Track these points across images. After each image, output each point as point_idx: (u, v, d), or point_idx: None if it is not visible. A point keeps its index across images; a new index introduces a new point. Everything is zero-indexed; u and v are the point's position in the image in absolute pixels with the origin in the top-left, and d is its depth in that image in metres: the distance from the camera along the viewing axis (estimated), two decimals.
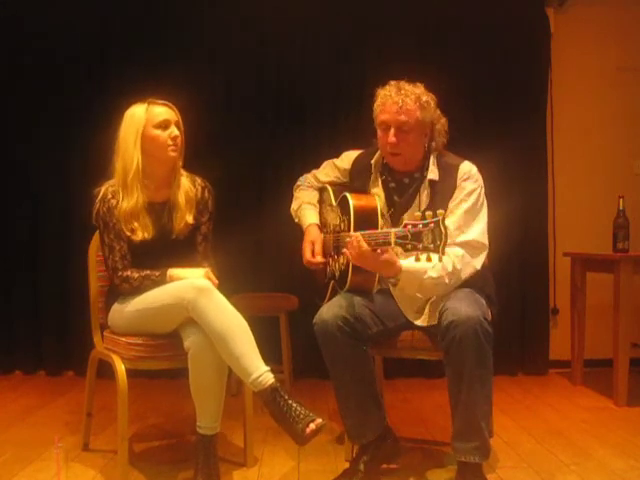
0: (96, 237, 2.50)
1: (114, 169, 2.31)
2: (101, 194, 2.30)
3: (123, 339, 2.28)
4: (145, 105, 2.30)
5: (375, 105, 2.28)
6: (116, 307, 2.34)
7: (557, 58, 3.90)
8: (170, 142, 2.27)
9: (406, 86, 2.23)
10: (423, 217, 1.84)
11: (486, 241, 2.23)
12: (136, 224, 2.26)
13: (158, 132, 2.27)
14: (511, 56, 3.79)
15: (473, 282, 2.19)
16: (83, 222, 3.34)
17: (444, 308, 2.08)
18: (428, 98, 2.24)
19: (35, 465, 2.35)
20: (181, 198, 2.34)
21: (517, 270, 3.79)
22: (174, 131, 2.29)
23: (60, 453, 2.11)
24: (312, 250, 2.36)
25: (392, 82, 2.26)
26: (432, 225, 1.81)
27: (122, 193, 2.27)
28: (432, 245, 1.81)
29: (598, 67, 3.98)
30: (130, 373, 2.23)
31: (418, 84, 2.26)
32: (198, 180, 2.43)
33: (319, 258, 2.35)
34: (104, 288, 2.49)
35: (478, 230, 2.20)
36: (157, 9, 3.71)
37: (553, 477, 2.26)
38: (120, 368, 2.21)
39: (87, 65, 3.72)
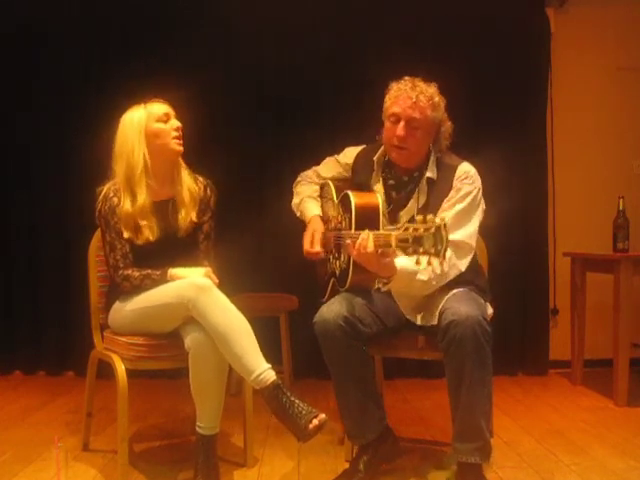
0: (96, 237, 2.51)
1: (114, 173, 2.31)
2: (103, 193, 2.31)
3: (123, 339, 2.28)
4: (142, 105, 2.33)
5: (387, 97, 2.29)
6: (117, 306, 2.33)
7: (557, 58, 3.91)
8: (174, 133, 2.30)
9: (421, 84, 2.24)
10: (424, 220, 1.83)
11: (474, 243, 2.23)
12: (141, 225, 2.26)
13: (161, 125, 2.29)
14: (511, 56, 3.79)
15: (463, 276, 2.20)
16: (83, 222, 3.36)
17: (443, 308, 2.09)
18: (439, 99, 2.26)
19: (35, 465, 2.35)
20: (186, 195, 2.35)
21: (517, 270, 3.79)
22: (176, 122, 2.32)
23: (60, 453, 2.10)
24: (311, 241, 2.36)
25: (407, 77, 2.27)
26: (433, 230, 1.81)
27: (125, 195, 2.27)
28: (433, 249, 1.80)
29: (598, 67, 3.98)
30: (130, 373, 2.23)
31: (432, 84, 2.27)
32: (200, 178, 2.45)
33: (317, 248, 2.34)
34: (104, 288, 2.49)
35: (468, 232, 2.20)
36: (157, 9, 3.71)
37: (553, 477, 2.27)
38: (120, 368, 2.21)
39: (86, 65, 3.73)
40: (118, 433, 2.18)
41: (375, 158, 2.38)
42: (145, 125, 2.28)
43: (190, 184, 2.38)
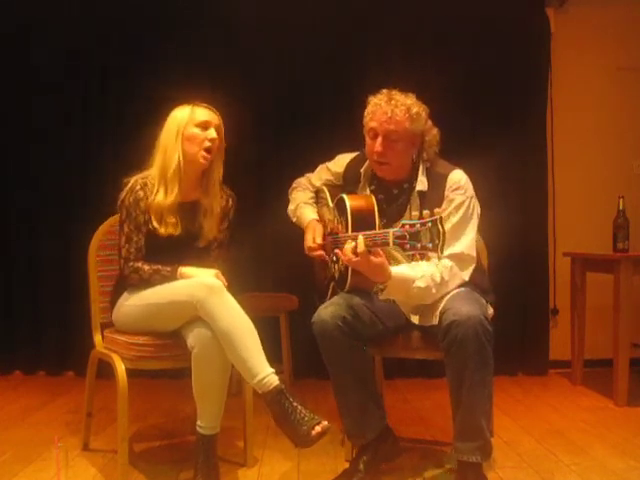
0: (96, 237, 2.52)
1: (152, 163, 2.33)
2: (130, 184, 2.32)
3: (124, 338, 2.28)
4: (190, 106, 2.34)
5: (365, 112, 2.28)
6: (123, 301, 2.34)
7: (557, 58, 3.91)
8: (207, 143, 2.29)
9: (397, 96, 2.22)
10: (420, 216, 1.84)
11: (474, 253, 2.23)
12: (168, 219, 2.28)
13: (197, 131, 2.30)
14: (511, 56, 3.79)
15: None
16: (83, 222, 3.36)
17: (444, 308, 2.08)
18: (419, 109, 2.23)
19: (35, 465, 2.35)
20: (217, 209, 2.37)
21: (517, 270, 3.78)
22: (212, 133, 2.31)
23: (60, 453, 2.10)
24: (313, 237, 2.35)
25: (384, 90, 2.26)
26: (429, 224, 1.81)
27: (159, 187, 2.29)
28: (430, 244, 1.81)
29: (598, 67, 3.98)
30: (130, 373, 2.23)
31: (410, 94, 2.25)
32: (225, 189, 2.46)
33: (319, 240, 2.33)
34: (105, 288, 2.49)
35: (466, 243, 2.20)
36: (157, 9, 3.71)
37: (553, 477, 2.27)
38: (120, 368, 2.21)
39: (86, 66, 3.72)
40: (118, 433, 2.18)
41: (362, 170, 2.38)
42: (184, 126, 2.29)
43: (218, 195, 2.39)
